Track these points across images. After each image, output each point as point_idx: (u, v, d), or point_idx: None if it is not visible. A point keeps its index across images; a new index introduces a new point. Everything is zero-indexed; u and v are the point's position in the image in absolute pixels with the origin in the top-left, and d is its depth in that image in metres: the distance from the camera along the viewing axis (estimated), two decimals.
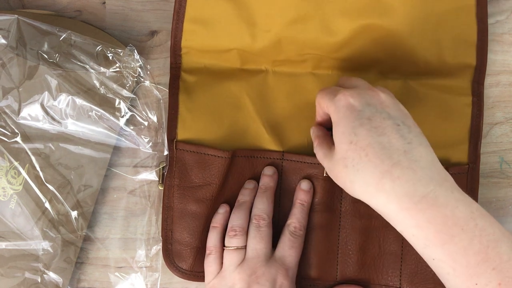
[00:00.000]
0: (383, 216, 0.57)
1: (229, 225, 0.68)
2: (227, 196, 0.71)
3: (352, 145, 0.57)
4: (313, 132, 0.66)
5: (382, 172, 0.55)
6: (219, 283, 0.66)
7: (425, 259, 0.56)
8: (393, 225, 0.56)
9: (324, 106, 0.62)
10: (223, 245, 0.68)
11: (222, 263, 0.67)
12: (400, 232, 0.56)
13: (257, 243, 0.66)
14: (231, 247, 0.67)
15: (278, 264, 0.65)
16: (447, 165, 0.70)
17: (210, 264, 0.68)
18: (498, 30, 0.74)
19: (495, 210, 0.73)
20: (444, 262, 0.54)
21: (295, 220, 0.68)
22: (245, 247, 0.66)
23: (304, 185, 0.69)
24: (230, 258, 0.66)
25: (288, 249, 0.66)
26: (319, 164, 0.69)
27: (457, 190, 0.55)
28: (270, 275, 0.64)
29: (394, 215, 0.55)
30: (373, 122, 0.57)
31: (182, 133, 0.71)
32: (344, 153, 0.58)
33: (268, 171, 0.70)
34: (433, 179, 0.54)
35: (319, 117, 0.66)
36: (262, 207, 0.68)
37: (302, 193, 0.69)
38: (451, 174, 0.68)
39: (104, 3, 0.74)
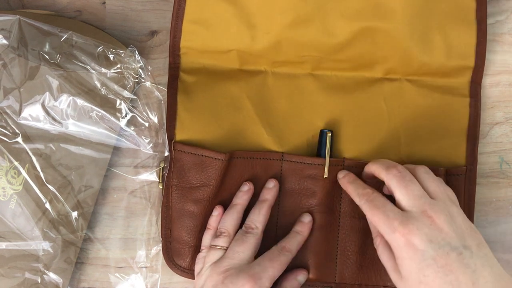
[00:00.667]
0: None
1: (218, 226, 0.69)
2: (226, 197, 0.71)
3: (422, 284, 0.57)
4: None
5: None
6: (197, 279, 0.67)
7: None
8: None
9: (381, 231, 0.61)
10: None
11: None
12: None
13: (237, 246, 0.66)
14: (214, 245, 0.67)
15: (250, 272, 0.63)
16: (445, 167, 0.70)
17: (197, 262, 0.69)
18: (498, 30, 0.74)
19: (495, 210, 0.73)
20: None
21: (286, 243, 0.68)
22: (227, 249, 0.67)
23: (306, 218, 0.70)
24: (210, 256, 0.67)
25: (267, 260, 0.65)
26: (319, 165, 0.69)
27: None
28: (237, 280, 0.63)
29: None
30: (438, 261, 0.57)
31: (180, 134, 0.71)
32: None
33: (269, 184, 0.70)
34: None
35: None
36: (254, 218, 0.68)
37: (301, 225, 0.69)
38: (449, 176, 0.68)
39: (104, 3, 0.74)
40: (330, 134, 0.69)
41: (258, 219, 0.68)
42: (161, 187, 0.72)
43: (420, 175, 0.63)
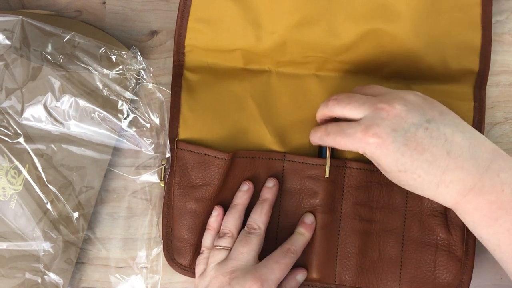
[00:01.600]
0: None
1: (221, 227, 0.69)
2: (228, 196, 0.71)
3: (402, 173, 0.59)
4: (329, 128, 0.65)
5: (436, 183, 0.58)
6: (200, 280, 0.67)
7: (475, 236, 0.62)
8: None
9: (352, 148, 0.62)
10: None
11: None
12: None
13: (242, 247, 0.66)
14: (217, 246, 0.67)
15: (257, 273, 0.64)
16: None
17: (199, 263, 0.69)
18: (498, 30, 0.74)
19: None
20: (489, 241, 0.60)
21: (291, 245, 0.68)
22: (230, 249, 0.67)
23: (309, 219, 0.70)
24: (214, 256, 0.67)
25: (273, 262, 0.65)
26: (321, 165, 0.69)
27: (502, 171, 0.58)
28: (244, 282, 0.63)
29: (449, 206, 0.60)
30: (410, 145, 0.58)
31: (183, 132, 0.71)
32: (397, 178, 0.61)
33: (269, 183, 0.70)
34: (479, 168, 0.58)
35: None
36: (256, 218, 0.68)
37: (304, 226, 0.69)
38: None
39: (104, 3, 0.74)
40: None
41: (260, 219, 0.68)
42: (162, 185, 0.72)
43: (361, 90, 0.65)
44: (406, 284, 0.69)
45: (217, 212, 0.70)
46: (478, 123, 0.71)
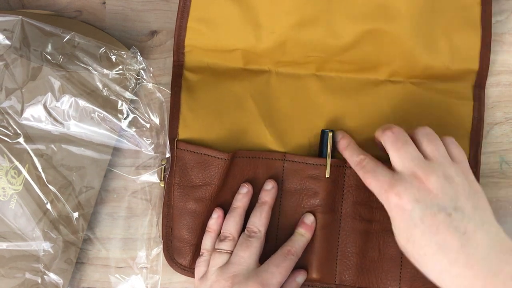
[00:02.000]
0: None
1: (222, 230, 0.69)
2: (228, 196, 0.71)
3: (410, 243, 0.58)
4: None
5: (441, 270, 0.57)
6: (201, 283, 0.67)
7: None
8: None
9: (374, 192, 0.62)
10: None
11: None
12: None
13: (242, 251, 0.66)
14: (218, 249, 0.67)
15: (258, 279, 0.64)
16: None
17: (199, 265, 0.69)
18: (498, 30, 0.74)
19: (495, 210, 0.72)
20: None
21: (291, 246, 0.68)
22: (231, 253, 0.67)
23: (309, 219, 0.70)
24: (215, 259, 0.67)
25: (274, 266, 0.66)
26: (321, 165, 0.69)
27: None
28: (245, 286, 0.63)
29: None
30: (425, 221, 0.57)
31: (183, 132, 0.71)
32: (404, 247, 0.60)
33: (267, 185, 0.70)
34: (491, 270, 0.55)
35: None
36: (256, 221, 0.68)
37: (304, 226, 0.69)
38: None
39: (104, 3, 0.74)
40: (331, 134, 0.70)
41: (260, 222, 0.68)
42: (162, 186, 0.72)
43: (418, 136, 0.63)
44: (406, 283, 0.69)
45: (217, 214, 0.70)
46: (478, 123, 0.71)
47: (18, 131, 0.67)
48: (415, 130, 0.63)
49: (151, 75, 0.72)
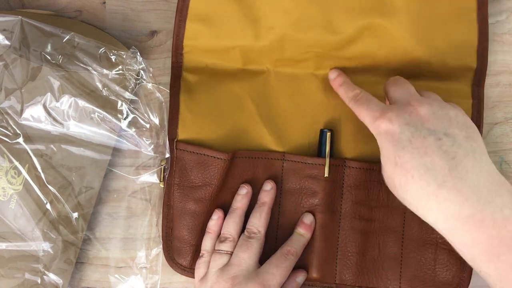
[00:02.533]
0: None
1: (222, 231, 0.69)
2: (227, 196, 0.71)
3: (398, 167, 0.58)
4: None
5: (428, 194, 0.56)
6: (201, 285, 0.67)
7: (474, 269, 0.58)
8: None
9: (366, 123, 0.62)
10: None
11: None
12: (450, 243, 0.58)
13: (242, 252, 0.66)
14: (218, 250, 0.67)
15: (259, 279, 0.64)
16: None
17: (199, 266, 0.69)
18: (498, 30, 0.74)
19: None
20: (490, 276, 0.56)
21: (291, 246, 0.68)
22: (232, 254, 0.67)
23: (308, 219, 0.70)
24: (215, 261, 0.67)
25: (274, 267, 0.66)
26: (320, 164, 0.69)
27: (507, 207, 0.55)
28: (245, 287, 0.64)
29: (443, 232, 0.57)
30: (414, 143, 0.57)
31: (182, 133, 0.71)
32: (391, 173, 0.59)
33: (266, 186, 0.70)
34: (481, 197, 0.55)
35: None
36: (256, 221, 0.68)
37: (304, 226, 0.69)
38: None
39: (104, 3, 0.74)
40: (330, 133, 0.70)
41: (260, 223, 0.68)
42: (162, 186, 0.72)
43: (421, 90, 0.64)
44: (406, 282, 0.69)
45: (217, 215, 0.70)
46: (477, 121, 0.71)
47: (18, 131, 0.67)
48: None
49: (151, 75, 0.72)
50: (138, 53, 0.70)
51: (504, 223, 0.54)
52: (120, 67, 0.69)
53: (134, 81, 0.71)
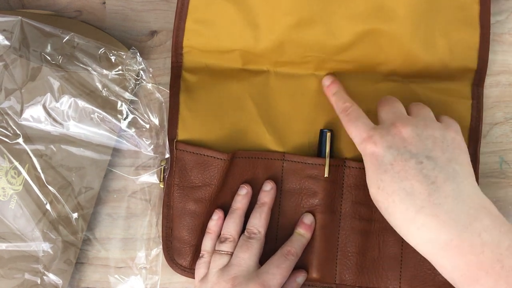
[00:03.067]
0: None
1: (222, 231, 0.69)
2: (227, 197, 0.71)
3: (380, 190, 0.59)
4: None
5: (408, 219, 0.57)
6: (201, 285, 0.67)
7: None
8: None
9: (354, 142, 0.63)
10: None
11: None
12: None
13: (243, 252, 0.66)
14: (219, 251, 0.67)
15: (259, 280, 0.64)
16: None
17: (199, 267, 0.69)
18: (498, 30, 0.74)
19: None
20: None
21: (291, 247, 0.68)
22: (232, 254, 0.67)
23: (308, 219, 0.70)
24: (216, 261, 0.67)
25: (274, 267, 0.66)
26: (320, 165, 0.69)
27: (485, 231, 0.55)
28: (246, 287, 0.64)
29: (424, 255, 0.58)
30: (395, 166, 0.58)
31: (182, 133, 0.71)
32: (375, 196, 0.60)
33: (266, 186, 0.70)
34: (458, 223, 0.55)
35: None
36: (256, 222, 0.68)
37: (304, 226, 0.69)
38: None
39: (104, 3, 0.74)
40: (329, 133, 0.70)
41: (260, 223, 0.68)
42: (162, 187, 0.72)
43: (412, 105, 0.65)
44: (407, 282, 0.69)
45: (217, 216, 0.70)
46: (476, 121, 0.71)
47: (18, 131, 0.67)
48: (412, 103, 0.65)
49: (151, 75, 0.72)
50: (138, 53, 0.70)
51: (482, 249, 0.54)
52: (120, 67, 0.69)
53: (134, 81, 0.71)
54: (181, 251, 0.71)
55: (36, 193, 0.67)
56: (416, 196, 0.56)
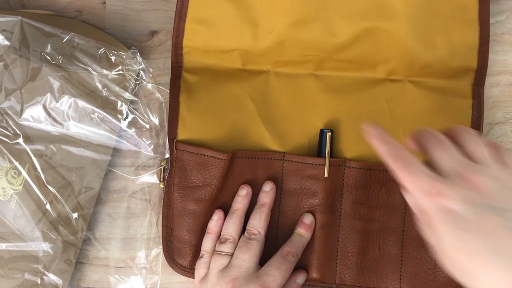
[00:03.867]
0: None
1: (222, 232, 0.69)
2: (227, 197, 0.71)
3: (462, 252, 0.49)
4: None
5: (496, 280, 0.48)
6: (201, 285, 0.67)
7: None
8: None
9: (403, 184, 0.53)
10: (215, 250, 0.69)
11: None
12: None
13: (243, 253, 0.66)
14: (219, 251, 0.67)
15: (259, 281, 0.64)
16: None
17: (199, 267, 0.69)
18: (498, 30, 0.74)
19: None
20: None
21: (291, 247, 0.68)
22: (232, 255, 0.67)
23: (308, 219, 0.70)
24: (216, 262, 0.67)
25: (274, 269, 0.66)
26: (320, 165, 0.69)
27: None
28: None
29: None
30: (478, 223, 0.48)
31: (182, 133, 0.71)
32: (452, 255, 0.51)
33: (266, 187, 0.70)
34: None
35: None
36: (256, 223, 0.68)
37: (304, 227, 0.69)
38: None
39: (104, 3, 0.74)
40: (330, 133, 0.70)
41: (260, 224, 0.68)
42: (162, 187, 0.72)
43: (459, 136, 0.55)
44: (407, 282, 0.69)
45: (218, 216, 0.70)
46: (477, 121, 0.71)
47: (18, 131, 0.67)
48: (453, 130, 0.56)
49: (151, 75, 0.72)
50: (138, 53, 0.70)
51: None
52: (120, 67, 0.69)
53: (134, 81, 0.71)
54: (181, 251, 0.71)
55: (36, 193, 0.67)
56: (508, 252, 0.48)
